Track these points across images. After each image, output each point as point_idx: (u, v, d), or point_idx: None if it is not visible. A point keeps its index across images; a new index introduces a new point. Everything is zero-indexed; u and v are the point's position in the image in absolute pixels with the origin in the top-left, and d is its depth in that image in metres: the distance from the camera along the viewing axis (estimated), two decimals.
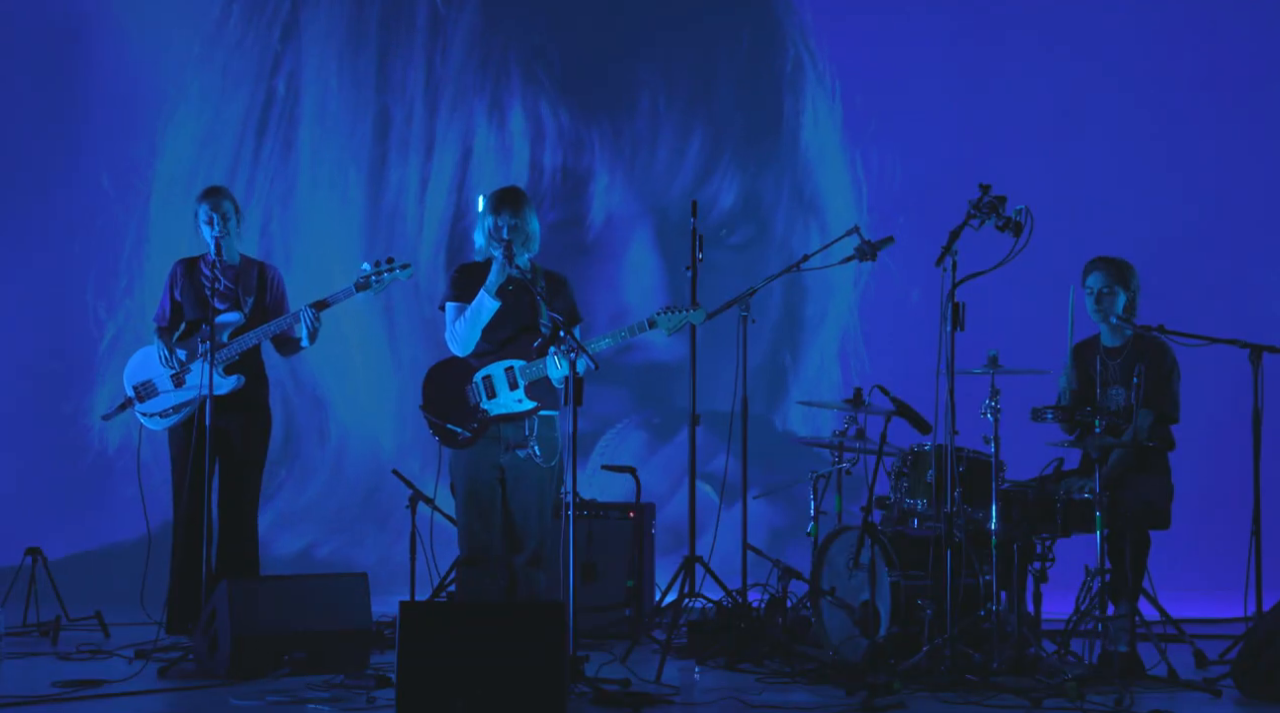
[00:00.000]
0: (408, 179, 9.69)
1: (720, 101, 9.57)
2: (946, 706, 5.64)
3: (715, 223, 6.76)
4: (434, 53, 9.69)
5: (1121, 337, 6.82)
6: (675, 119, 9.56)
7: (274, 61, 9.75)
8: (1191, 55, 8.92)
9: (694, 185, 9.42)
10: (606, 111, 9.65)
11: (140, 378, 7.12)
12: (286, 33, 9.73)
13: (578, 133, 9.57)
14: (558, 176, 9.52)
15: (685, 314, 6.31)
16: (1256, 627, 5.95)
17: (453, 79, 9.66)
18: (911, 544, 6.46)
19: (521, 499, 6.33)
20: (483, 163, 9.64)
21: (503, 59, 9.65)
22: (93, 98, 9.61)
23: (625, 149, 9.59)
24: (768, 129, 9.57)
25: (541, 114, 9.60)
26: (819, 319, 9.47)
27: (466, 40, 9.70)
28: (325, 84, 9.72)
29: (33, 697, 5.68)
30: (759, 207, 9.49)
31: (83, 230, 9.53)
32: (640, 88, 9.60)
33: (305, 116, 9.74)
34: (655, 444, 9.29)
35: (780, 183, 9.50)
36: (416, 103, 9.69)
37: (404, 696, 5.16)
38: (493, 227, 6.33)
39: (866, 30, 9.41)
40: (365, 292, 6.94)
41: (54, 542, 7.52)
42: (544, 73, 9.60)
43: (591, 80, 9.65)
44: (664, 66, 9.59)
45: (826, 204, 9.46)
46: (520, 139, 9.65)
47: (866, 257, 6.81)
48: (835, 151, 9.49)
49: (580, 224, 9.52)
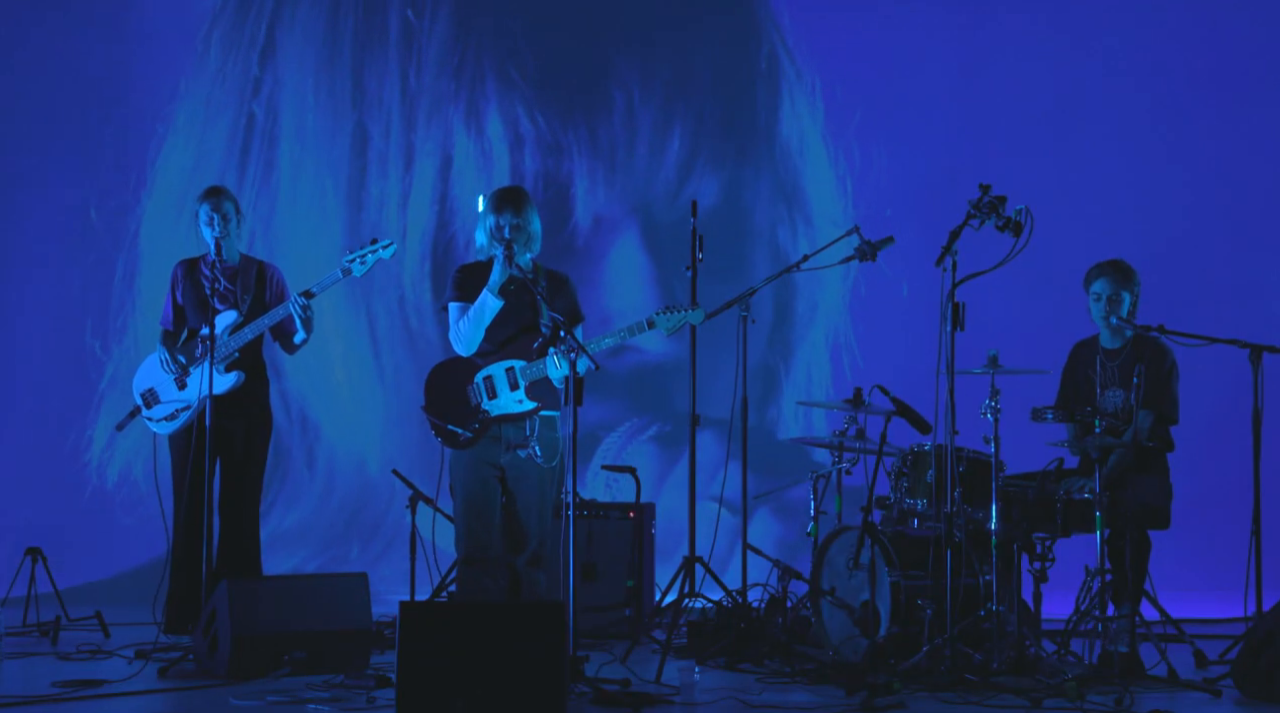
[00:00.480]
0: (388, 192, 9.67)
1: (697, 98, 9.55)
2: (946, 706, 5.64)
3: (699, 221, 6.81)
4: (408, 65, 9.68)
5: (1121, 338, 6.83)
6: (652, 117, 9.54)
7: (254, 86, 9.76)
8: (1191, 52, 8.92)
9: (676, 184, 9.40)
10: (583, 112, 9.63)
11: (145, 385, 7.17)
12: (264, 56, 9.74)
13: (555, 136, 9.55)
14: (539, 182, 9.51)
15: (684, 314, 6.31)
16: (1256, 627, 5.95)
17: (428, 89, 9.64)
18: (911, 544, 6.46)
19: (522, 499, 6.33)
20: (463, 171, 9.62)
21: (477, 64, 9.63)
22: (78, 132, 9.61)
23: (604, 150, 9.58)
24: (745, 125, 9.55)
25: (519, 118, 9.58)
26: (809, 317, 9.45)
27: (440, 49, 9.68)
28: (303, 102, 9.73)
29: (33, 697, 5.67)
30: (739, 202, 9.46)
31: (74, 263, 9.54)
32: (616, 87, 9.57)
33: (284, 136, 9.74)
34: (667, 455, 9.27)
35: (759, 178, 9.48)
36: (394, 115, 9.68)
37: (404, 696, 5.16)
38: (494, 226, 6.33)
39: (845, 23, 9.39)
40: (351, 276, 6.94)
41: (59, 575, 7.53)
42: (519, 75, 9.57)
43: (567, 80, 9.62)
44: (640, 64, 9.57)
45: (810, 198, 9.43)
46: (499, 144, 9.62)
47: (867, 257, 6.81)
48: (816, 146, 9.46)
49: (564, 228, 9.49)
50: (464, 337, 6.37)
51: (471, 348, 6.38)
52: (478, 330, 6.34)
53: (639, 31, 9.61)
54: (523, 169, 9.57)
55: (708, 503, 7.72)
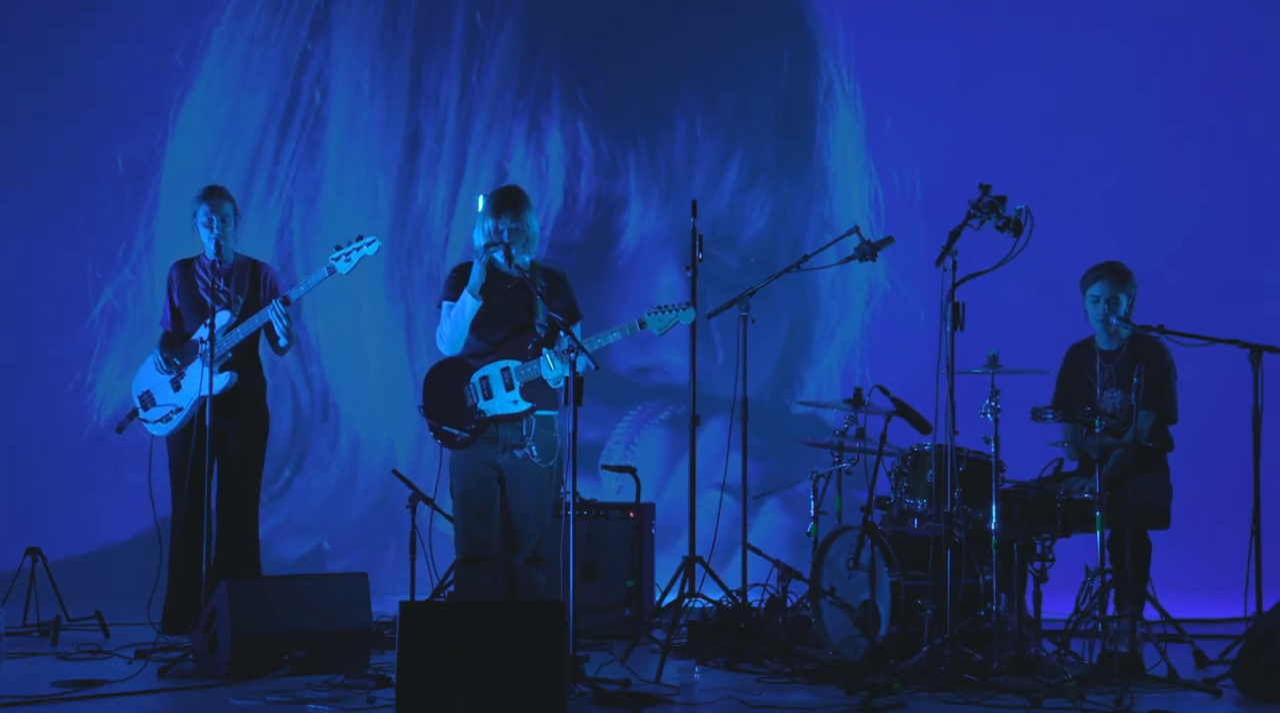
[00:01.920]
0: (435, 196, 9.54)
1: (758, 127, 9.45)
2: (946, 706, 5.64)
3: (745, 245, 6.76)
4: (470, 68, 9.53)
5: (1117, 340, 6.84)
6: (715, 145, 9.45)
7: (301, 58, 9.61)
8: (1192, 53, 8.91)
9: (729, 210, 9.31)
10: (645, 137, 9.49)
11: (142, 388, 7.20)
12: (315, 29, 9.59)
13: (615, 160, 9.46)
14: (591, 204, 9.42)
15: (675, 314, 6.32)
16: (1256, 627, 5.95)
17: (489, 95, 9.51)
18: (911, 544, 6.46)
19: (520, 499, 6.33)
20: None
21: (544, 81, 9.48)
22: (99, 71, 9.45)
23: (661, 175, 9.47)
24: (800, 153, 9.46)
25: (580, 140, 9.44)
26: (827, 337, 9.41)
27: (505, 58, 9.53)
28: (357, 88, 9.52)
29: (33, 697, 5.68)
30: (787, 229, 9.37)
31: (89, 217, 9.43)
32: (679, 114, 9.47)
33: (334, 119, 9.58)
34: (681, 440, 9.19)
35: (808, 207, 9.40)
36: (449, 118, 9.50)
37: (404, 696, 5.16)
38: (493, 228, 6.33)
39: (888, 49, 9.33)
40: (336, 274, 6.92)
41: (53, 540, 7.51)
42: (585, 98, 9.47)
43: (629, 103, 9.50)
44: (705, 93, 9.47)
45: (843, 224, 9.34)
46: (557, 164, 9.42)
47: (866, 256, 6.81)
48: (859, 171, 9.41)
49: (612, 248, 9.39)
50: (446, 337, 6.40)
51: (455, 347, 6.39)
52: (457, 331, 6.36)
53: (703, 60, 9.50)
54: (576, 190, 9.47)
55: (711, 491, 7.73)
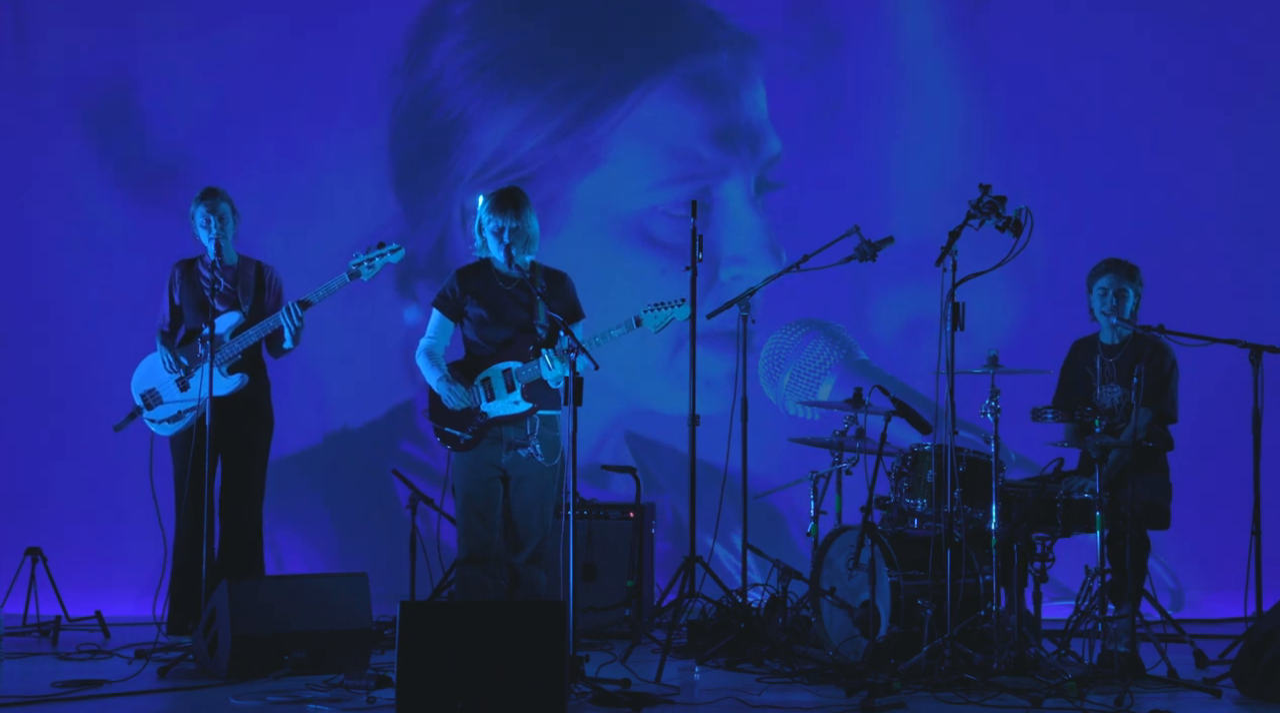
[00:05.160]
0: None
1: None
2: (946, 706, 5.64)
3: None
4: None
5: (1120, 335, 6.83)
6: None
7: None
8: (1192, 53, 8.90)
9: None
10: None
11: (146, 386, 7.14)
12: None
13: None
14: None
15: (671, 311, 6.33)
16: (1256, 627, 5.95)
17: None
18: (911, 544, 6.46)
19: (523, 498, 6.34)
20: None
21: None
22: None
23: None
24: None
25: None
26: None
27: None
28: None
29: (33, 697, 5.68)
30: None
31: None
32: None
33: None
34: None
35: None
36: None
37: (404, 696, 5.17)
38: (495, 229, 6.34)
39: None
40: (359, 279, 6.92)
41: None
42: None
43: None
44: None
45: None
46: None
47: (866, 257, 6.81)
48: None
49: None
50: (420, 369, 6.54)
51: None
52: (424, 375, 6.53)
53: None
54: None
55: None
